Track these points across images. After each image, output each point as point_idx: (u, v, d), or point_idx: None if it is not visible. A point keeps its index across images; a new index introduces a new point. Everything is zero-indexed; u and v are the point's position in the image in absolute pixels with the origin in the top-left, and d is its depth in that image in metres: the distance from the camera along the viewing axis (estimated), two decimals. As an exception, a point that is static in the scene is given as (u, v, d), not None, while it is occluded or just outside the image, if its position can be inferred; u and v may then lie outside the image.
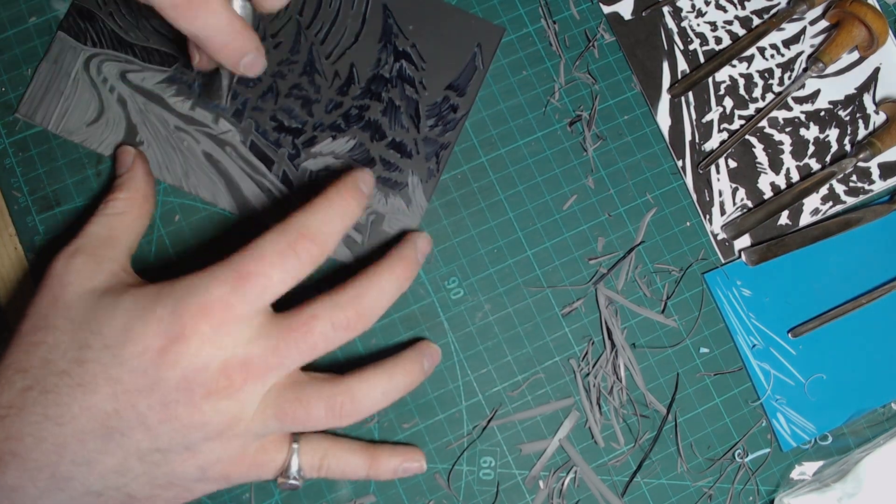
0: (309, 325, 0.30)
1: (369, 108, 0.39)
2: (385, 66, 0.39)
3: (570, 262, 0.39)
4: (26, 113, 0.38)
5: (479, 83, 0.39)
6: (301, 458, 0.33)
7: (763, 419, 0.38)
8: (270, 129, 0.38)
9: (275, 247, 0.30)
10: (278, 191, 0.38)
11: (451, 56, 0.39)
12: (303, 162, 0.38)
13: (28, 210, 0.38)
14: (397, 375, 0.33)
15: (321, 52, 0.39)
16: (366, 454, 0.34)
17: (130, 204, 0.35)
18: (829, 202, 0.40)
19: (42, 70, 0.38)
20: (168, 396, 0.29)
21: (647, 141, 0.40)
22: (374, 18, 0.39)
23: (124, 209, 0.34)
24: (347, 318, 0.31)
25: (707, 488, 0.38)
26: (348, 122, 0.39)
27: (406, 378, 0.33)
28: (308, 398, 0.31)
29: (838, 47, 0.40)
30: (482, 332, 0.38)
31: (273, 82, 0.39)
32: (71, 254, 0.32)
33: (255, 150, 0.38)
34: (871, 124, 0.41)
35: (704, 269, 0.39)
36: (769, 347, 0.39)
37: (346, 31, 0.39)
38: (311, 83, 0.39)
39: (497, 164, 0.39)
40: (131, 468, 0.29)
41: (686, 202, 0.40)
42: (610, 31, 0.41)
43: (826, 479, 0.38)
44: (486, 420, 0.37)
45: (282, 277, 0.30)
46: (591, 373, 0.38)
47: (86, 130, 0.38)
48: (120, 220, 0.34)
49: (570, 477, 0.37)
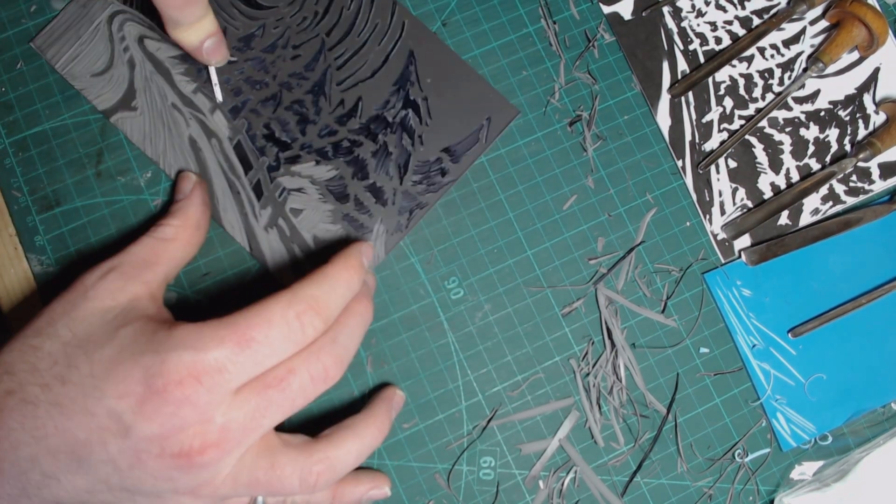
0: (287, 381, 0.29)
1: (362, 145, 0.38)
2: (391, 110, 0.39)
3: (570, 262, 0.39)
4: (41, 45, 0.38)
5: (476, 156, 0.39)
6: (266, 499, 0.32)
7: (763, 419, 0.38)
8: (260, 135, 0.38)
9: (284, 315, 0.29)
10: (246, 198, 0.38)
11: (458, 120, 0.39)
12: (280, 176, 0.38)
13: (28, 210, 0.38)
14: (369, 436, 0.32)
15: (335, 76, 0.39)
16: (329, 489, 0.34)
17: (181, 231, 0.34)
18: (829, 202, 0.40)
19: (69, 10, 0.39)
20: (139, 446, 0.28)
21: (647, 141, 0.40)
22: (396, 60, 0.39)
23: (174, 235, 0.34)
24: (325, 367, 0.30)
25: (707, 488, 0.38)
26: (336, 151, 0.38)
27: (378, 436, 0.33)
28: (282, 468, 0.30)
29: (838, 47, 0.40)
30: (482, 332, 0.38)
31: (279, 91, 0.39)
32: (106, 270, 0.31)
33: (238, 150, 0.38)
34: (871, 124, 0.41)
35: (704, 269, 0.39)
36: (769, 347, 0.39)
37: (366, 65, 0.39)
38: (315, 103, 0.39)
39: (497, 164, 0.39)
40: (99, 493, 0.29)
41: (686, 202, 0.40)
42: (610, 31, 0.41)
43: (826, 479, 0.38)
44: (486, 420, 0.37)
45: (284, 347, 0.29)
46: (591, 373, 0.38)
47: (89, 80, 0.38)
48: (165, 247, 0.33)
49: (570, 477, 0.37)
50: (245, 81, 0.39)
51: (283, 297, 0.29)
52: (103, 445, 0.28)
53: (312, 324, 0.29)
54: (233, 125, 0.38)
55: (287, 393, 0.29)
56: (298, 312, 0.29)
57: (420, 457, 0.37)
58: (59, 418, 0.28)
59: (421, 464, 0.37)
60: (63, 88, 0.38)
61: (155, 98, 0.38)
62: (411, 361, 0.38)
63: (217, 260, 0.38)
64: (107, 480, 0.29)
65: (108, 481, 0.29)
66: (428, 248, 0.38)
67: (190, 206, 0.35)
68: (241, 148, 0.38)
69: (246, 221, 0.38)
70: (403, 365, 0.37)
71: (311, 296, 0.30)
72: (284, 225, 0.38)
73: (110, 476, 0.29)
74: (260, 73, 0.39)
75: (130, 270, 0.32)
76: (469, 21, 0.40)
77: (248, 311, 0.29)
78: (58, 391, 0.28)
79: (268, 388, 0.29)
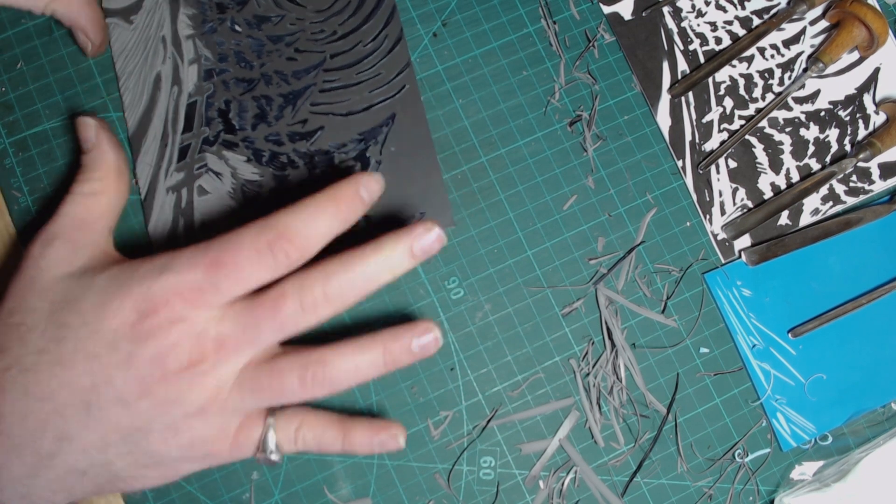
0: (277, 304, 0.30)
1: (297, 168, 0.38)
2: (342, 154, 0.38)
3: (570, 262, 0.39)
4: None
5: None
6: (277, 432, 0.32)
7: (763, 419, 0.38)
8: (216, 107, 0.38)
9: (253, 243, 0.30)
10: (169, 153, 0.38)
11: (397, 200, 0.38)
12: (209, 153, 0.38)
13: (28, 210, 0.38)
14: (373, 351, 0.31)
15: (313, 96, 0.39)
16: (340, 427, 0.33)
17: (105, 183, 0.34)
18: (829, 202, 0.40)
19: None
20: (143, 371, 0.29)
21: (647, 141, 0.40)
22: (376, 114, 0.39)
23: (100, 189, 0.34)
24: (315, 301, 0.30)
25: (707, 488, 0.38)
26: (271, 160, 0.38)
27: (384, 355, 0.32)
28: (281, 369, 0.31)
29: (838, 47, 0.40)
30: (482, 332, 0.38)
31: (258, 79, 0.38)
32: (48, 239, 0.32)
33: (190, 109, 0.38)
34: (871, 124, 0.41)
35: (704, 269, 0.39)
36: (769, 347, 0.39)
37: (347, 103, 0.39)
38: (280, 108, 0.38)
39: (497, 164, 0.39)
40: (112, 443, 0.29)
41: (686, 202, 0.40)
42: (610, 31, 0.41)
43: (826, 479, 0.38)
44: (486, 420, 0.37)
45: (255, 272, 0.30)
46: (591, 373, 0.38)
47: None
48: (96, 201, 0.33)
49: (570, 477, 0.37)
50: (235, 54, 0.38)
51: (257, 223, 0.30)
52: (109, 383, 0.29)
53: (284, 251, 0.30)
54: (199, 84, 0.38)
55: (278, 315, 0.30)
56: (269, 240, 0.30)
57: (420, 457, 0.37)
58: (63, 373, 0.29)
59: (421, 464, 0.37)
60: (63, 88, 0.38)
61: (153, 23, 0.38)
62: (411, 361, 0.38)
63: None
64: (118, 423, 0.29)
65: (119, 424, 0.29)
66: (428, 248, 0.38)
67: (105, 154, 0.34)
68: (193, 108, 0.38)
69: (155, 173, 0.38)
70: (403, 365, 0.37)
71: (285, 224, 0.30)
72: (185, 196, 0.37)
73: (121, 417, 0.29)
74: (252, 54, 0.39)
75: (73, 234, 0.32)
76: (469, 21, 0.40)
77: (222, 237, 0.30)
78: (55, 350, 0.29)
79: (259, 306, 0.30)
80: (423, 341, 0.31)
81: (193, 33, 0.38)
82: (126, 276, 0.30)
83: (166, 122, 0.38)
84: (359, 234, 0.37)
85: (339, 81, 0.39)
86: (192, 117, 0.38)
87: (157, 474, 0.31)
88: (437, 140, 0.39)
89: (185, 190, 0.38)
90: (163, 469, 0.31)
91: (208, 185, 0.38)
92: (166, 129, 0.38)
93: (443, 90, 0.40)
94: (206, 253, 0.30)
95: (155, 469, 0.31)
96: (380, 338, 0.32)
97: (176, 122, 0.38)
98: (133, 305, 0.29)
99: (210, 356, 0.30)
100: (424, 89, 0.40)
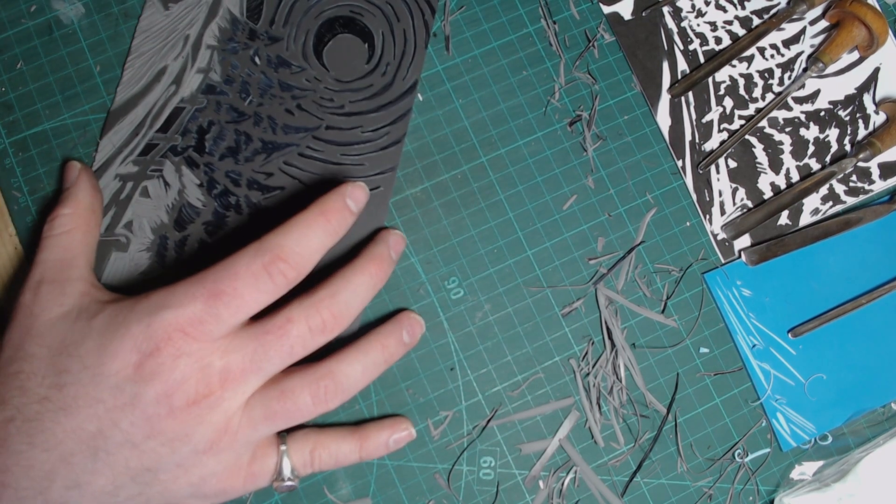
0: (285, 329, 0.30)
1: (240, 214, 0.37)
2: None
3: (570, 262, 0.39)
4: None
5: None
6: (291, 457, 0.32)
7: (763, 419, 0.38)
8: (198, 122, 0.38)
9: (249, 267, 0.30)
10: (135, 144, 0.38)
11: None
12: (169, 160, 0.38)
13: (28, 210, 0.38)
14: (374, 350, 0.33)
15: (290, 156, 0.38)
16: (354, 438, 0.34)
17: (75, 219, 0.34)
18: (829, 202, 0.40)
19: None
20: (149, 411, 0.28)
21: (647, 141, 0.40)
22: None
23: (71, 225, 0.34)
24: (323, 321, 0.31)
25: (707, 488, 0.38)
26: (221, 196, 0.38)
27: (384, 352, 0.33)
28: (292, 390, 0.31)
29: (838, 47, 0.40)
30: (482, 332, 0.38)
31: (249, 116, 0.38)
32: (34, 286, 0.32)
33: (174, 113, 0.38)
34: (871, 124, 0.41)
35: (704, 269, 0.39)
36: (769, 347, 0.39)
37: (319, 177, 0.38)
38: (254, 153, 0.38)
39: (497, 164, 0.39)
40: (123, 487, 0.29)
41: (686, 202, 0.40)
42: (610, 31, 0.41)
43: (826, 479, 0.38)
44: (486, 420, 0.37)
45: (255, 297, 0.30)
46: (591, 373, 0.38)
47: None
48: (70, 239, 0.33)
49: (570, 477, 0.37)
50: (241, 82, 0.38)
51: (250, 248, 0.30)
52: (115, 426, 0.28)
53: (282, 272, 0.30)
54: (195, 94, 0.38)
55: (285, 340, 0.30)
56: (265, 263, 0.30)
57: (420, 457, 0.37)
58: (67, 420, 0.28)
59: (421, 464, 0.37)
60: (63, 88, 0.38)
61: (185, 17, 0.38)
62: (411, 361, 0.38)
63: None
64: (127, 466, 0.29)
65: (128, 466, 0.29)
66: (428, 248, 0.38)
67: (79, 191, 0.35)
68: (178, 113, 0.38)
69: (114, 155, 0.38)
70: (403, 365, 0.37)
71: (279, 245, 0.30)
72: (127, 190, 0.37)
73: (129, 459, 0.29)
74: (256, 90, 0.38)
75: (57, 275, 0.32)
76: (469, 21, 0.40)
77: (217, 265, 0.30)
78: (58, 398, 0.29)
79: (266, 334, 0.30)
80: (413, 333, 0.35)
81: (216, 45, 0.38)
82: (123, 316, 0.30)
83: (148, 113, 0.38)
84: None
85: (321, 154, 0.38)
86: (173, 121, 0.38)
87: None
88: (438, 140, 0.39)
89: (131, 184, 0.37)
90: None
91: (153, 190, 0.38)
92: (145, 120, 0.38)
93: (443, 90, 0.40)
94: (202, 284, 0.29)
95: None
96: (374, 336, 0.33)
97: (156, 119, 0.38)
98: (133, 346, 0.29)
99: (216, 389, 0.29)
100: (424, 89, 0.40)
